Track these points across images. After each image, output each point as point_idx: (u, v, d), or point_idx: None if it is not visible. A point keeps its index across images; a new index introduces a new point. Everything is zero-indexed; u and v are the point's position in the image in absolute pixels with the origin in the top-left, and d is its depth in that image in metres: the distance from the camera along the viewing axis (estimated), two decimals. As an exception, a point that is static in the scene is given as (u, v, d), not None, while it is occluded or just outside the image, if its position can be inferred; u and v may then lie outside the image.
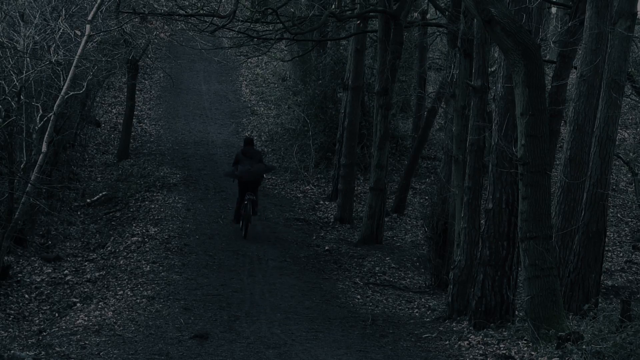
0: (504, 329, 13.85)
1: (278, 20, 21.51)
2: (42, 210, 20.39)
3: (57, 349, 12.90)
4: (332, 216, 23.99)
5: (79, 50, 16.54)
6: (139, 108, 31.36)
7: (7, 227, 16.62)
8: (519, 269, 14.15)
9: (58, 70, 17.54)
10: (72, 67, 16.49)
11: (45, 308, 16.81)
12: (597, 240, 15.85)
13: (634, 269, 22.15)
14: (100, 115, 30.71)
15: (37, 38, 17.69)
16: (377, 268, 19.96)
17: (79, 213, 22.93)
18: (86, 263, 19.49)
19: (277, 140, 29.30)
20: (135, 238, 20.33)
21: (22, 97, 17.57)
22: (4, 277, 17.66)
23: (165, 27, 36.15)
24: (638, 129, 30.60)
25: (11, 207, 17.92)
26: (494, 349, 13.04)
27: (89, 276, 18.44)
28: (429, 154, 29.46)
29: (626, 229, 25.05)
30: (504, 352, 12.74)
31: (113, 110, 31.82)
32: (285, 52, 33.42)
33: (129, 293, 16.66)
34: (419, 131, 26.52)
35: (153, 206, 22.81)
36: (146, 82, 34.80)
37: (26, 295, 17.37)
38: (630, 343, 11.41)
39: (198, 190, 24.44)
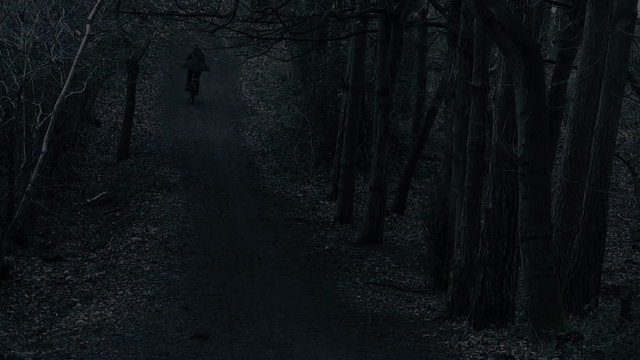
0: (504, 329, 13.85)
1: (278, 20, 21.49)
2: (42, 210, 20.38)
3: (57, 348, 12.91)
4: (332, 216, 23.98)
5: (79, 50, 16.54)
6: (139, 108, 31.33)
7: (7, 227, 16.62)
8: (519, 268, 14.15)
9: (58, 70, 17.53)
10: (72, 67, 16.49)
11: (45, 308, 16.80)
12: (597, 240, 15.84)
13: (634, 269, 22.13)
14: (100, 115, 30.70)
15: (37, 38, 17.67)
16: (377, 268, 19.95)
17: (79, 213, 22.91)
18: (86, 263, 19.48)
19: (277, 140, 29.27)
20: (135, 238, 20.33)
21: (22, 97, 17.57)
22: (4, 277, 17.65)
23: (165, 27, 36.09)
24: (638, 129, 30.56)
25: (11, 207, 17.92)
26: (494, 348, 13.04)
27: (89, 276, 18.43)
28: (429, 154, 29.44)
29: (626, 229, 25.03)
30: (504, 352, 12.74)
31: (113, 110, 31.80)
32: (285, 52, 33.41)
33: (129, 293, 16.66)
34: (419, 131, 26.51)
35: (153, 206, 22.81)
36: (146, 82, 34.77)
37: (26, 295, 17.36)
38: (630, 343, 11.42)
39: (198, 190, 24.43)
